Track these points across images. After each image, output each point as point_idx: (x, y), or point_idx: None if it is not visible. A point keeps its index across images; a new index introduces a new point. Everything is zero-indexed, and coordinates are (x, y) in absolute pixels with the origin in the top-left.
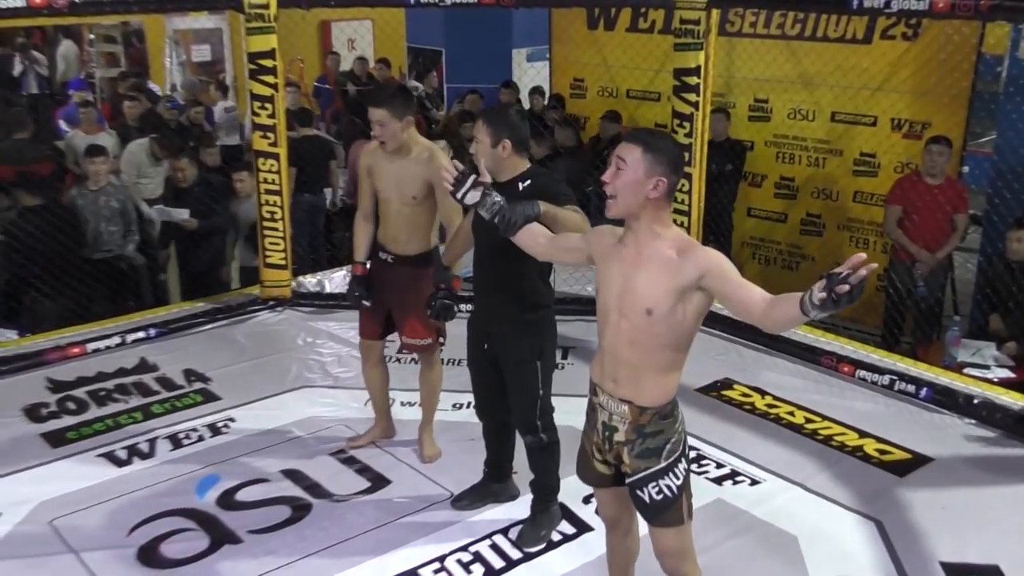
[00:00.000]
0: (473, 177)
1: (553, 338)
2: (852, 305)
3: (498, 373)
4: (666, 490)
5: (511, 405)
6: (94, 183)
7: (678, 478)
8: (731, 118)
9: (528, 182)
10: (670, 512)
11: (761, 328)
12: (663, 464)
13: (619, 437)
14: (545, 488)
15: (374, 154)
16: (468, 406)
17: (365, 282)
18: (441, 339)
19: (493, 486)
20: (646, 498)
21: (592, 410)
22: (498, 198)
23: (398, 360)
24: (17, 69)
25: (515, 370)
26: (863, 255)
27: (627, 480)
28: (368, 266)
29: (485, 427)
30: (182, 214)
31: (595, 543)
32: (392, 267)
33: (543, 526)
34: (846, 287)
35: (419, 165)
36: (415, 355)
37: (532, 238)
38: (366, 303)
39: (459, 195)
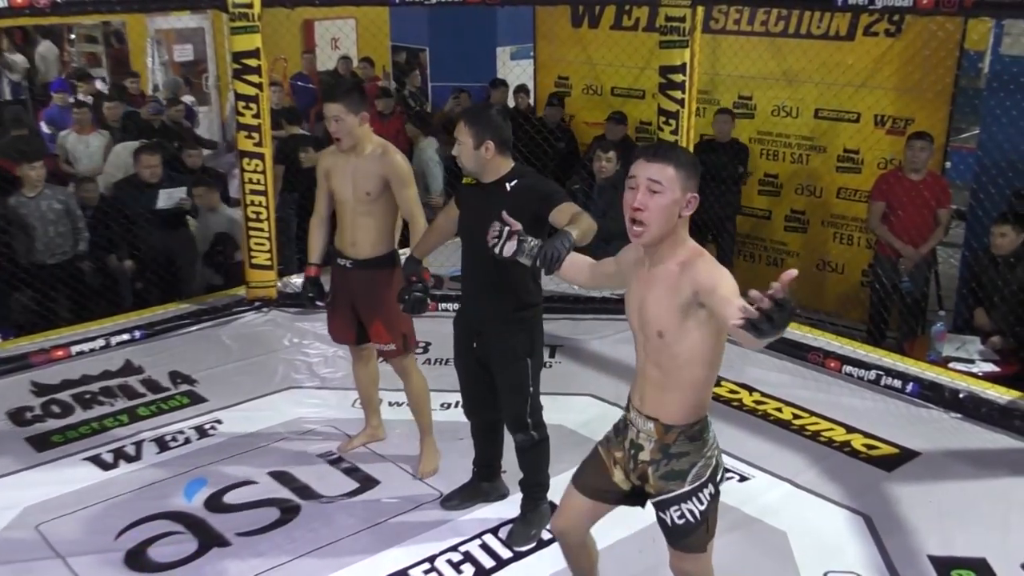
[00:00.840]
0: (507, 229)
1: (541, 336)
2: (777, 329)
3: (487, 372)
4: (688, 515)
5: (502, 403)
6: (31, 189)
7: (702, 503)
8: (734, 119)
9: (516, 182)
10: (692, 538)
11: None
12: (687, 488)
13: (644, 456)
14: (535, 486)
15: (331, 156)
16: (456, 405)
17: (318, 283)
18: (418, 347)
19: (482, 485)
20: (668, 521)
21: (624, 425)
22: (534, 242)
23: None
24: None
25: (506, 368)
26: (793, 271)
27: (651, 501)
28: (320, 268)
29: (473, 426)
30: (180, 192)
31: None
32: (351, 272)
33: (533, 524)
34: (755, 312)
35: (373, 162)
36: (388, 362)
37: (577, 271)
38: (319, 303)
39: (497, 250)
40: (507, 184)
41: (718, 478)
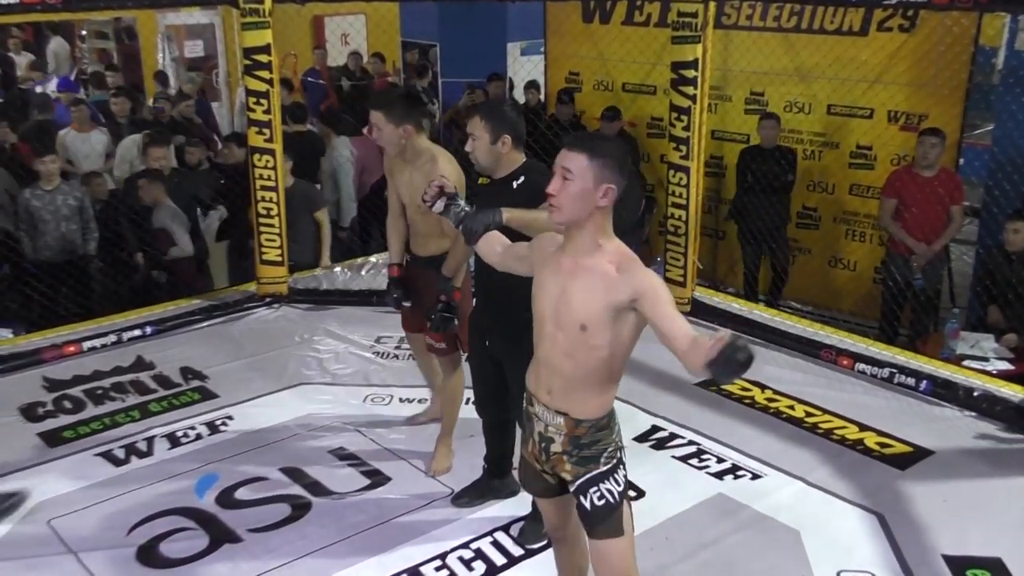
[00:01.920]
0: (442, 187)
1: None
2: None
3: (499, 369)
4: (607, 495)
5: (513, 401)
6: (48, 183)
7: (619, 485)
8: (781, 123)
9: (522, 179)
10: (612, 520)
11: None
12: (602, 468)
13: (555, 448)
14: None
15: (390, 158)
16: (467, 402)
17: (401, 283)
18: (462, 351)
19: (493, 482)
20: (588, 505)
21: (528, 419)
22: (462, 205)
23: (395, 356)
24: None
25: (517, 367)
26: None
27: (571, 488)
28: (401, 267)
29: (485, 423)
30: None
31: None
32: (412, 267)
33: (543, 521)
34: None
35: (423, 171)
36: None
37: (489, 247)
38: (406, 304)
39: (429, 206)
40: (514, 182)
41: (625, 461)
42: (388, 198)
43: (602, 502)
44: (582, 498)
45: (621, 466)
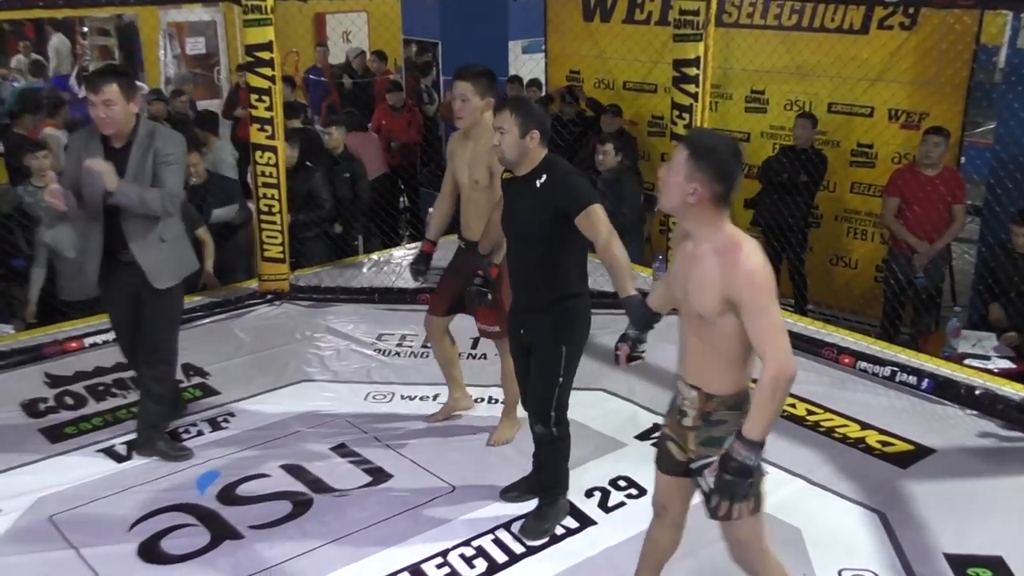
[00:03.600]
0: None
1: (584, 329)
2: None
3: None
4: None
5: (530, 389)
6: (39, 179)
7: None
8: (817, 124)
9: (544, 178)
10: (719, 505)
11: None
12: (721, 457)
13: (687, 422)
14: (551, 482)
15: (457, 139)
16: (485, 401)
17: (427, 259)
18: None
19: None
20: (704, 487)
21: (675, 394)
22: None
23: (397, 353)
24: None
25: (540, 353)
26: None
27: (691, 467)
28: (434, 245)
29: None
30: (232, 210)
31: (598, 537)
32: (464, 253)
33: (548, 519)
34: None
35: (485, 152)
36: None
37: (664, 299)
38: (420, 279)
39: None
40: (536, 180)
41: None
42: (444, 178)
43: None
44: (700, 479)
45: None
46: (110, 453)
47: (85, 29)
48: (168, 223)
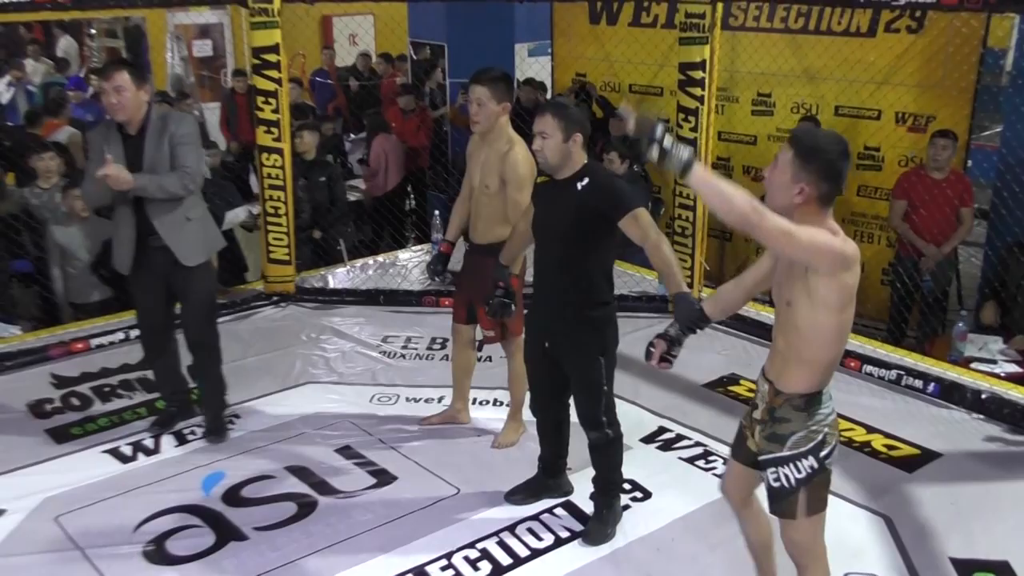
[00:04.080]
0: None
1: (615, 334)
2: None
3: (558, 370)
4: (784, 479)
5: (575, 402)
6: (45, 181)
7: (799, 472)
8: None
9: (586, 181)
10: (784, 503)
11: None
12: (784, 453)
13: (756, 415)
14: (610, 484)
15: (474, 141)
16: (482, 404)
17: (445, 260)
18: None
19: (548, 481)
20: (767, 483)
21: (756, 387)
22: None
23: (402, 356)
24: (5, 96)
25: (579, 367)
26: None
27: (758, 459)
28: (452, 245)
29: (540, 423)
30: (243, 212)
31: None
32: (469, 255)
33: (609, 523)
34: None
35: (498, 157)
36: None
37: (734, 300)
38: (437, 278)
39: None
40: (578, 184)
41: (822, 454)
42: (464, 180)
43: (777, 484)
44: (762, 474)
45: (810, 457)
46: (116, 454)
47: (93, 31)
48: (192, 202)
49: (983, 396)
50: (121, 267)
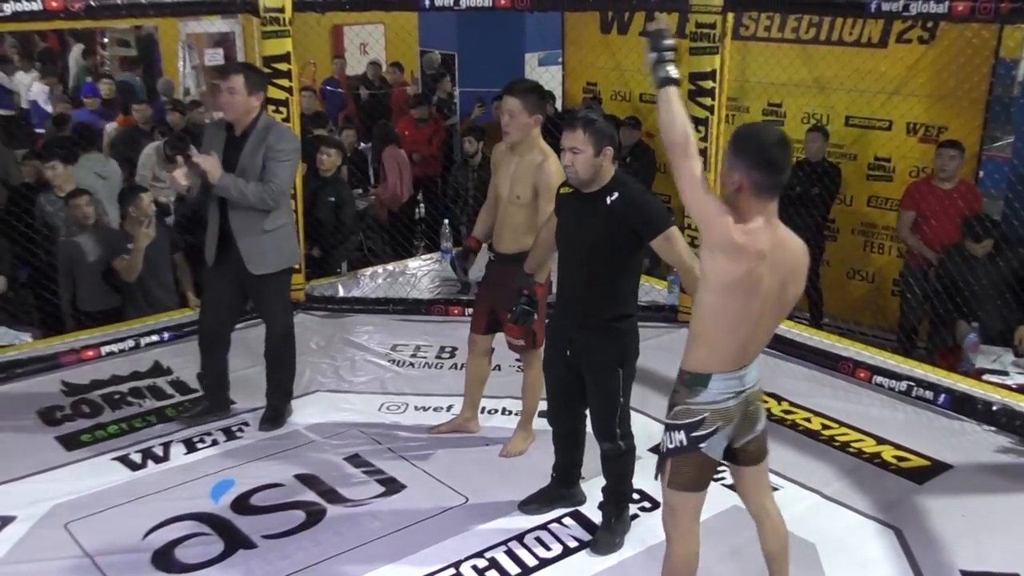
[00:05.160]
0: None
1: (636, 346)
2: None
3: (577, 379)
4: (663, 442)
5: (591, 412)
6: (60, 189)
7: (671, 442)
8: (828, 137)
9: (616, 195)
10: (658, 463)
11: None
12: (667, 420)
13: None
14: (620, 495)
15: (502, 151)
16: (498, 412)
17: (470, 254)
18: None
19: (561, 491)
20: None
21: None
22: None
23: (411, 364)
24: (34, 93)
25: (597, 377)
26: None
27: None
28: (479, 243)
29: (556, 432)
30: None
31: None
32: (493, 264)
33: (618, 533)
34: None
35: (531, 168)
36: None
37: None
38: (461, 273)
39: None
40: (607, 197)
41: (694, 434)
42: (490, 186)
43: (659, 443)
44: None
45: (681, 432)
46: (125, 461)
47: (105, 40)
48: (274, 215)
49: (994, 408)
50: (208, 258)
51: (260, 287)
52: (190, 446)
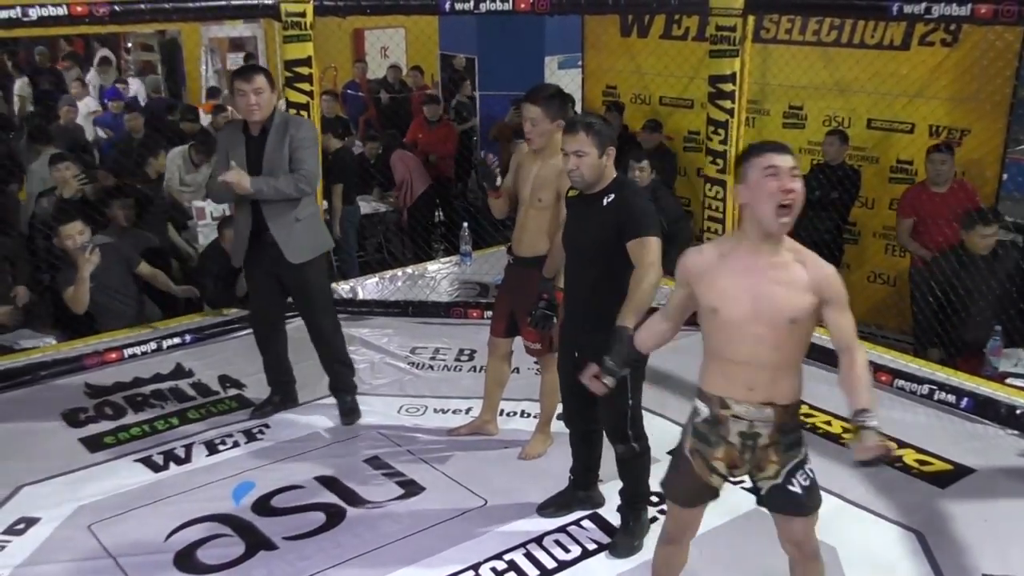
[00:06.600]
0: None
1: None
2: None
3: None
4: (810, 473)
5: (602, 415)
6: (66, 192)
7: (810, 462)
8: (848, 141)
9: (612, 197)
10: (814, 495)
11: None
12: (803, 452)
13: (763, 441)
14: (637, 496)
15: (524, 153)
16: (517, 415)
17: (494, 178)
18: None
19: (579, 493)
20: (798, 489)
21: (718, 423)
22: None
23: (430, 367)
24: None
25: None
26: None
27: (774, 482)
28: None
29: (572, 435)
30: None
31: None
32: (512, 268)
33: (636, 535)
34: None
35: (554, 172)
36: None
37: (661, 336)
38: (489, 182)
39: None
40: (604, 199)
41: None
42: (506, 178)
43: (807, 482)
44: (790, 486)
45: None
46: (148, 463)
47: (129, 44)
48: (304, 204)
49: (1018, 411)
50: (236, 260)
51: (300, 276)
52: (212, 448)
